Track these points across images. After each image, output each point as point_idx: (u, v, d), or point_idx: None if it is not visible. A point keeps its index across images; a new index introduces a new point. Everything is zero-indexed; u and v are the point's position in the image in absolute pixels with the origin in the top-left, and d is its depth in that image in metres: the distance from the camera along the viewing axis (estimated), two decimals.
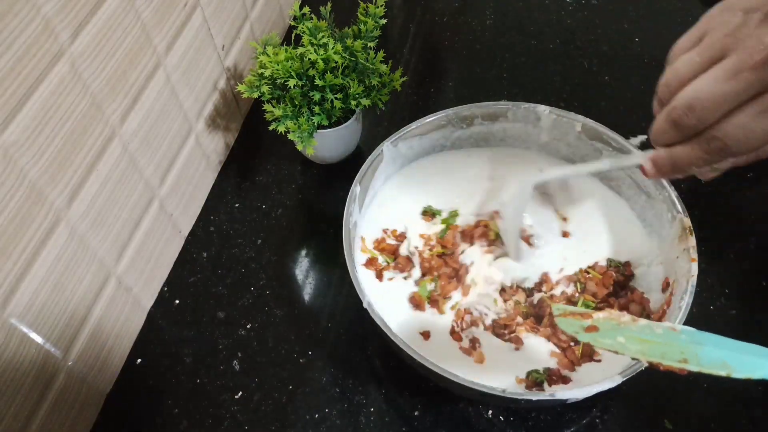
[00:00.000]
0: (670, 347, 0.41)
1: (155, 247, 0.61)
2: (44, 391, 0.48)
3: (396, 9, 0.93)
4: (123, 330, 0.58)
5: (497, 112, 0.63)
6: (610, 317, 0.45)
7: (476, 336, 0.54)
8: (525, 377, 0.51)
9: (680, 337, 0.42)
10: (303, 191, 0.71)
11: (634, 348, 0.42)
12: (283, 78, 0.62)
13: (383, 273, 0.58)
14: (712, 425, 0.52)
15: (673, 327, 0.43)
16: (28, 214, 0.44)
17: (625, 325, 0.44)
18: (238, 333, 0.60)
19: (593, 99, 0.78)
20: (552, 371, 0.51)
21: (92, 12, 0.47)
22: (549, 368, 0.51)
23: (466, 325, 0.55)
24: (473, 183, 0.64)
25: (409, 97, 0.80)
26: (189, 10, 0.61)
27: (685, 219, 0.53)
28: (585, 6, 0.90)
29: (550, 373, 0.51)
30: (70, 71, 0.46)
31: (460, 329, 0.54)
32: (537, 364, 0.52)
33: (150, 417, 0.55)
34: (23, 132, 0.42)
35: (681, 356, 0.40)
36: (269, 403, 0.55)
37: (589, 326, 0.45)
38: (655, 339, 0.42)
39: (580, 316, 0.46)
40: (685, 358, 0.40)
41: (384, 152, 0.60)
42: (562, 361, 0.52)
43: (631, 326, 0.44)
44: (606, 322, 0.45)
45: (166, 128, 0.60)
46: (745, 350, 0.39)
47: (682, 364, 0.40)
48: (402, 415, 0.54)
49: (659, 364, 0.40)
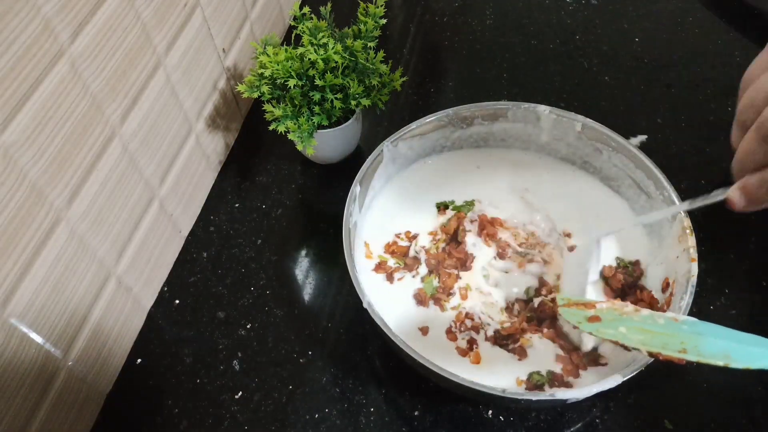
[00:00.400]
0: (670, 338, 0.41)
1: (155, 247, 0.61)
2: (44, 391, 0.48)
3: (396, 9, 0.93)
4: (123, 330, 0.58)
5: (497, 112, 0.63)
6: (614, 307, 0.46)
7: (474, 338, 0.54)
8: (526, 378, 0.51)
9: (682, 328, 0.42)
10: (303, 191, 0.71)
11: (635, 338, 0.42)
12: (283, 78, 0.62)
13: (393, 275, 0.58)
14: (712, 425, 0.52)
15: (675, 317, 0.43)
16: (28, 214, 0.44)
17: (628, 315, 0.45)
18: (238, 333, 0.60)
19: (593, 99, 0.78)
20: (555, 375, 0.51)
21: (92, 12, 0.47)
22: (552, 371, 0.51)
23: (464, 328, 0.55)
24: (475, 181, 0.64)
25: (409, 97, 0.80)
26: (189, 10, 0.61)
27: (685, 219, 0.53)
28: (585, 6, 0.90)
29: (553, 377, 0.51)
30: (70, 71, 0.46)
31: (458, 330, 0.54)
32: (540, 366, 0.52)
33: (150, 417, 0.55)
34: (23, 132, 0.42)
35: (681, 346, 0.40)
36: (269, 403, 0.55)
37: (592, 316, 0.45)
38: (656, 329, 0.42)
39: (584, 306, 0.46)
40: (684, 348, 0.40)
41: (384, 152, 0.60)
42: (566, 366, 0.51)
43: (633, 316, 0.44)
44: (609, 312, 0.45)
45: (166, 128, 0.60)
46: (746, 341, 0.39)
47: (682, 354, 0.39)
48: (402, 415, 0.54)
49: (659, 353, 0.40)
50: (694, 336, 0.41)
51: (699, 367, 0.55)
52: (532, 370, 0.51)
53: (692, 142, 0.72)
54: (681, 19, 0.87)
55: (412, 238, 0.61)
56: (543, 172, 0.64)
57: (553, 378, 0.51)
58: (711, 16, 0.87)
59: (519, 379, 0.51)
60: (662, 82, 0.79)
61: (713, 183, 0.67)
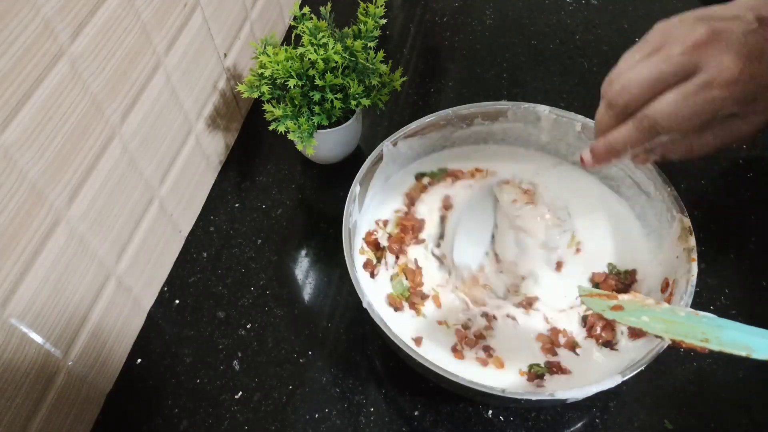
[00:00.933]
0: (692, 328, 0.42)
1: (155, 247, 0.61)
2: (44, 391, 0.48)
3: (396, 9, 0.93)
4: (123, 330, 0.58)
5: (497, 112, 0.63)
6: (635, 299, 0.47)
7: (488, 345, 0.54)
8: (527, 370, 0.51)
9: (702, 320, 0.43)
10: (303, 191, 0.71)
11: (658, 327, 0.43)
12: (283, 78, 0.62)
13: (374, 271, 0.58)
14: (712, 425, 0.52)
15: (696, 312, 0.44)
16: (28, 214, 0.44)
17: (649, 307, 0.46)
18: (238, 333, 0.60)
19: (593, 99, 0.77)
20: (552, 363, 0.52)
21: (92, 12, 0.47)
22: (549, 361, 0.52)
23: (473, 343, 0.53)
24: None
25: (409, 97, 0.80)
26: (189, 11, 0.61)
27: (685, 219, 0.53)
28: (585, 6, 0.90)
29: (550, 365, 0.51)
30: (70, 71, 0.46)
31: (464, 348, 0.53)
32: (537, 357, 0.52)
33: (150, 417, 0.55)
34: (23, 132, 0.42)
35: (702, 336, 0.41)
36: (269, 403, 0.55)
37: (615, 305, 0.46)
38: (678, 320, 0.44)
39: (606, 297, 0.47)
40: (706, 338, 0.41)
41: (384, 152, 0.60)
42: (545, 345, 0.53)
43: (654, 308, 0.45)
44: (631, 303, 0.46)
45: (166, 128, 0.60)
46: (765, 335, 0.40)
47: (704, 343, 0.40)
48: (402, 415, 0.54)
49: (681, 342, 0.41)
50: (715, 328, 0.42)
51: (699, 366, 0.55)
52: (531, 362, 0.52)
53: None
54: None
55: (385, 224, 0.61)
56: (543, 171, 0.64)
57: (551, 366, 0.51)
58: None
59: (521, 370, 0.51)
60: None
61: (713, 183, 0.67)
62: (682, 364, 0.55)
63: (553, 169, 0.64)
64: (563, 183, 0.63)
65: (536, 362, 0.52)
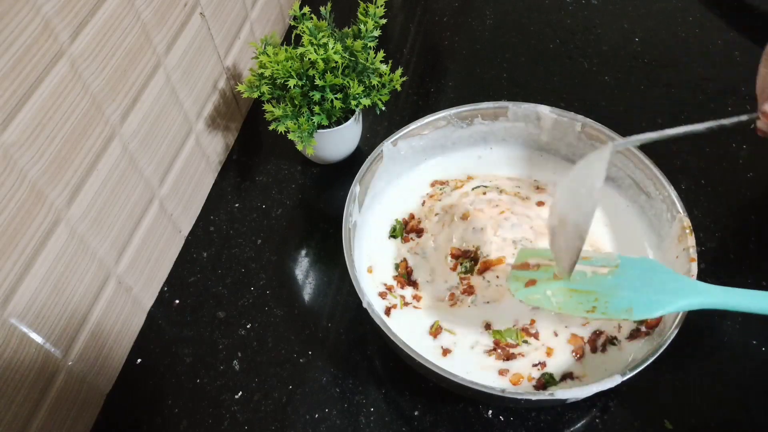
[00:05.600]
0: (588, 295, 0.45)
1: (155, 247, 0.61)
2: (44, 391, 0.48)
3: (396, 9, 0.93)
4: (123, 330, 0.58)
5: (497, 112, 0.63)
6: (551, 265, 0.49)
7: None
8: (538, 377, 0.51)
9: (603, 283, 0.46)
10: (303, 191, 0.71)
11: (555, 301, 0.46)
12: (283, 78, 0.62)
13: (391, 311, 0.56)
14: (712, 425, 0.52)
15: (606, 267, 0.46)
16: (28, 214, 0.44)
17: (587, 259, 0.48)
18: (238, 333, 0.60)
19: (593, 99, 0.78)
20: (566, 374, 0.52)
21: (92, 12, 0.47)
22: (564, 372, 0.52)
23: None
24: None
25: (409, 97, 0.80)
26: (189, 10, 0.61)
27: (685, 219, 0.53)
28: (585, 6, 0.90)
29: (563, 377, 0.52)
30: (70, 71, 0.46)
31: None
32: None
33: (150, 417, 0.55)
34: (23, 132, 0.42)
35: (592, 305, 0.44)
36: (269, 403, 0.55)
37: (529, 280, 0.48)
38: (580, 288, 0.46)
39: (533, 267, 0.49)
40: (594, 307, 0.44)
41: (384, 152, 0.60)
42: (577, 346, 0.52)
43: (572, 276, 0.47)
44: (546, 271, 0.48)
45: (166, 128, 0.60)
46: (661, 289, 0.44)
47: (590, 313, 0.43)
48: (402, 415, 0.54)
49: (570, 316, 0.45)
50: (609, 291, 0.44)
51: (699, 367, 0.55)
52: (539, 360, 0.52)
53: (692, 141, 0.71)
54: (681, 18, 0.87)
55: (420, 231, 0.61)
56: (543, 171, 0.64)
57: (563, 377, 0.51)
58: (711, 16, 0.87)
59: (530, 376, 0.51)
60: (662, 82, 0.79)
61: (713, 183, 0.67)
62: (682, 364, 0.55)
63: (552, 169, 0.64)
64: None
65: (548, 371, 0.52)
